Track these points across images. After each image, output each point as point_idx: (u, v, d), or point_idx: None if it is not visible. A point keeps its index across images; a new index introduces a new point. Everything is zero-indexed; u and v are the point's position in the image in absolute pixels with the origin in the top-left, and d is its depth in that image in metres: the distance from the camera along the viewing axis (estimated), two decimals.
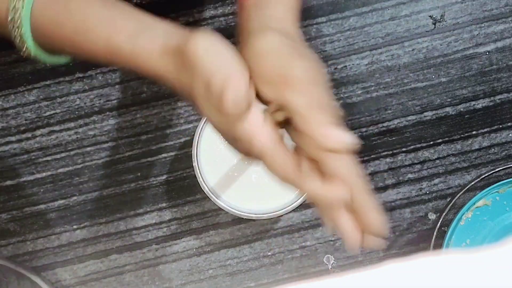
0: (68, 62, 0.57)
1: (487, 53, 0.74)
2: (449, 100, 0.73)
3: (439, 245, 0.68)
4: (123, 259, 0.73)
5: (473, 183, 0.66)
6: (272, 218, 0.66)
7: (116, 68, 0.74)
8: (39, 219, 0.74)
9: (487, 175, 0.67)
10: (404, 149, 0.73)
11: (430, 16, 0.74)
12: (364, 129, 0.73)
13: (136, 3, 0.74)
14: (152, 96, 0.74)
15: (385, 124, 0.73)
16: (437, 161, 0.73)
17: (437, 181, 0.73)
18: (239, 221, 0.73)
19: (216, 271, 0.73)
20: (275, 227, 0.73)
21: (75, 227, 0.74)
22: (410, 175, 0.73)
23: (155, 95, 0.74)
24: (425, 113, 0.73)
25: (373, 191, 0.44)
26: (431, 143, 0.73)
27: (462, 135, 0.73)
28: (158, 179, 0.74)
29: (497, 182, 0.67)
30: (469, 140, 0.73)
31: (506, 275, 0.26)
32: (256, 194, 0.66)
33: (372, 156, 0.73)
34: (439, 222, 0.67)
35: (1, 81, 0.74)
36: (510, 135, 0.73)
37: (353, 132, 0.73)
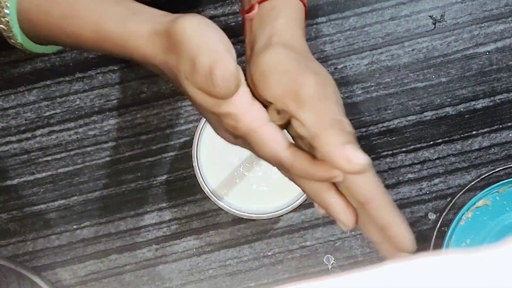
0: (55, 51, 0.57)
1: (487, 53, 0.74)
2: (449, 100, 0.73)
3: (439, 245, 0.68)
4: (123, 259, 0.73)
5: (473, 183, 0.66)
6: (272, 218, 0.66)
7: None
8: (39, 219, 0.74)
9: (487, 175, 0.67)
10: (404, 149, 0.73)
11: (430, 16, 0.74)
12: (364, 129, 0.73)
13: None
14: (152, 96, 0.74)
15: (385, 124, 0.73)
16: (437, 161, 0.73)
17: (437, 181, 0.73)
18: (239, 221, 0.73)
19: (216, 271, 0.73)
20: (275, 227, 0.73)
21: (75, 227, 0.74)
22: (410, 175, 0.73)
23: (155, 95, 0.74)
24: (425, 113, 0.73)
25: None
26: (431, 143, 0.73)
27: (462, 135, 0.73)
28: (158, 179, 0.74)
29: (497, 182, 0.67)
30: (469, 140, 0.73)
31: (506, 275, 0.26)
32: (256, 194, 0.66)
33: (372, 156, 0.73)
34: (439, 222, 0.67)
35: (1, 81, 0.74)
36: (510, 135, 0.73)
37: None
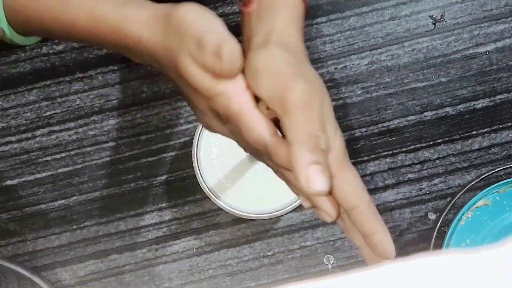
0: (37, 42, 0.56)
1: (487, 53, 0.74)
2: (449, 100, 0.73)
3: (439, 245, 0.68)
4: (123, 259, 0.73)
5: (473, 183, 0.66)
6: (272, 218, 0.66)
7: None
8: (39, 219, 0.74)
9: (487, 175, 0.67)
10: (404, 149, 0.73)
11: (430, 16, 0.74)
12: (364, 129, 0.73)
13: None
14: (152, 96, 0.74)
15: (385, 124, 0.73)
16: (437, 161, 0.73)
17: (437, 181, 0.73)
18: (239, 221, 0.73)
19: (216, 271, 0.73)
20: (275, 227, 0.73)
21: (75, 227, 0.74)
22: (410, 175, 0.73)
23: (155, 95, 0.74)
24: (425, 113, 0.73)
25: (373, 195, 0.44)
26: (431, 143, 0.73)
27: (462, 135, 0.73)
28: (158, 179, 0.74)
29: (497, 182, 0.67)
30: (469, 140, 0.73)
31: (506, 275, 0.26)
32: (256, 194, 0.66)
33: (372, 156, 0.73)
34: (439, 222, 0.67)
35: (1, 81, 0.74)
36: (510, 135, 0.73)
37: (353, 132, 0.73)
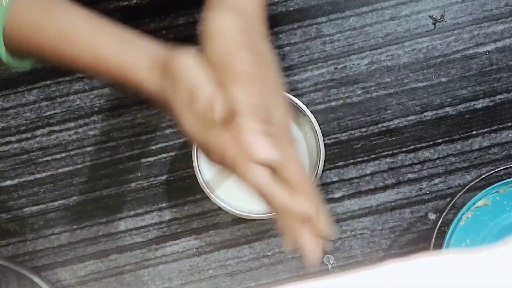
0: (32, 67, 0.57)
1: (487, 53, 0.74)
2: (449, 100, 0.73)
3: (439, 245, 0.68)
4: (123, 259, 0.73)
5: (473, 183, 0.66)
6: (272, 218, 0.66)
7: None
8: (39, 219, 0.74)
9: (487, 175, 0.67)
10: (404, 149, 0.73)
11: (430, 16, 0.74)
12: (364, 129, 0.73)
13: (136, 4, 0.74)
14: None
15: (385, 124, 0.73)
16: (437, 161, 0.73)
17: (437, 181, 0.73)
18: (239, 221, 0.73)
19: (216, 271, 0.73)
20: (275, 227, 0.73)
21: (75, 227, 0.74)
22: (410, 175, 0.73)
23: None
24: (425, 113, 0.73)
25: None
26: (431, 143, 0.73)
27: (462, 135, 0.73)
28: (158, 179, 0.74)
29: (497, 182, 0.67)
30: (469, 140, 0.73)
31: (506, 275, 0.26)
32: (256, 194, 0.66)
33: (372, 156, 0.73)
34: (439, 222, 0.67)
35: (1, 81, 0.74)
36: (510, 135, 0.73)
37: (353, 132, 0.73)
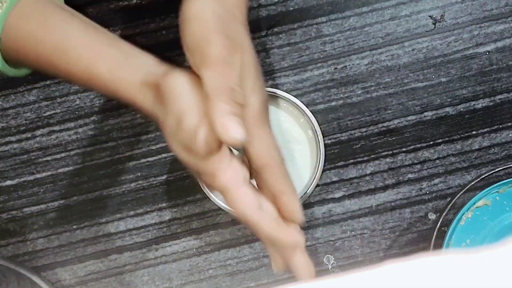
0: (29, 73, 0.57)
1: (487, 53, 0.74)
2: (449, 100, 0.73)
3: (439, 245, 0.68)
4: (123, 259, 0.73)
5: (473, 183, 0.66)
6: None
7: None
8: (39, 219, 0.74)
9: (487, 175, 0.67)
10: (404, 149, 0.73)
11: (430, 16, 0.74)
12: (364, 129, 0.73)
13: (136, 4, 0.74)
14: None
15: (385, 124, 0.73)
16: (437, 161, 0.73)
17: (437, 181, 0.73)
18: (239, 221, 0.73)
19: (216, 271, 0.73)
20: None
21: (75, 227, 0.74)
22: (410, 175, 0.73)
23: None
24: (425, 113, 0.73)
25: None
26: (431, 143, 0.73)
27: (462, 135, 0.73)
28: (158, 179, 0.74)
29: (497, 182, 0.67)
30: (469, 140, 0.73)
31: (506, 275, 0.26)
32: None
33: (372, 156, 0.73)
34: (439, 222, 0.67)
35: (1, 81, 0.74)
36: (510, 135, 0.73)
37: (353, 132, 0.73)
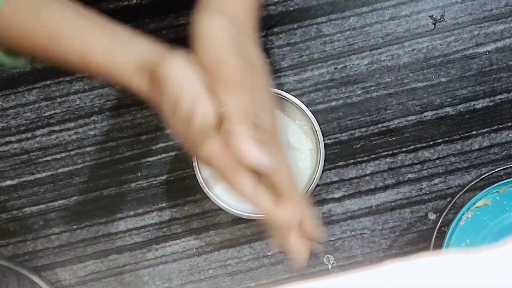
0: (27, 64, 0.57)
1: (487, 53, 0.74)
2: (449, 100, 0.73)
3: (439, 245, 0.68)
4: (123, 259, 0.73)
5: (473, 183, 0.66)
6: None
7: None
8: (39, 219, 0.74)
9: (487, 175, 0.67)
10: (404, 149, 0.73)
11: (430, 16, 0.74)
12: (364, 129, 0.73)
13: (136, 3, 0.74)
14: None
15: (385, 124, 0.73)
16: (437, 161, 0.73)
17: (437, 181, 0.73)
18: (239, 221, 0.73)
19: (216, 271, 0.73)
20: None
21: (75, 227, 0.74)
22: (410, 175, 0.73)
23: None
24: (425, 113, 0.73)
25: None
26: (431, 143, 0.73)
27: (462, 135, 0.73)
28: (158, 179, 0.74)
29: (497, 182, 0.67)
30: (469, 140, 0.73)
31: (506, 275, 0.26)
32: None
33: (372, 156, 0.73)
34: (439, 222, 0.67)
35: (1, 81, 0.74)
36: (510, 135, 0.73)
37: (353, 132, 0.73)
